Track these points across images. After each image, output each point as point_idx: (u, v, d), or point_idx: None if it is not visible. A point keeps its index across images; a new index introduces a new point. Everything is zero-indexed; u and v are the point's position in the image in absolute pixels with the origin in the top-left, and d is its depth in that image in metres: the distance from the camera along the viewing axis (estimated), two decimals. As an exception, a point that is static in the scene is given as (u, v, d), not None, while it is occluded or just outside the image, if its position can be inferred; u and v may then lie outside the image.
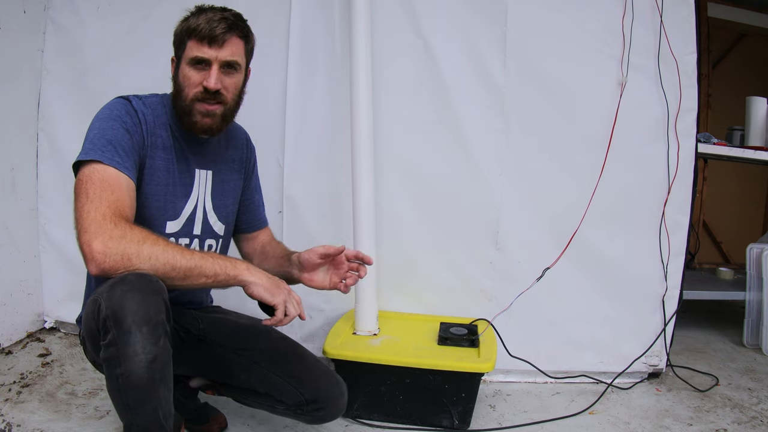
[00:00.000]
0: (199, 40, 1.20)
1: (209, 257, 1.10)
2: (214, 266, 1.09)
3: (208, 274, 1.08)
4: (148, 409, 1.00)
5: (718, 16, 3.54)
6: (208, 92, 1.22)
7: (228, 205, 1.41)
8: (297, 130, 1.94)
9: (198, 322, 1.38)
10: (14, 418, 1.52)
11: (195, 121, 1.24)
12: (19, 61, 2.05)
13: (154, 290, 1.01)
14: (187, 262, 1.06)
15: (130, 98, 1.24)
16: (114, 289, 0.98)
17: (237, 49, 1.24)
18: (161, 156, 1.25)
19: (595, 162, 1.89)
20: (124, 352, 0.96)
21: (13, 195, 2.08)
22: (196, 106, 1.23)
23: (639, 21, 1.86)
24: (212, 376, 1.39)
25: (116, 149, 1.13)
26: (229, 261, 1.13)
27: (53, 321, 2.23)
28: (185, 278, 1.07)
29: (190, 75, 1.22)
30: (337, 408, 1.33)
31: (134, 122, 1.20)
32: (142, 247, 1.03)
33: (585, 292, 1.95)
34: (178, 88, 1.25)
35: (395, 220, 1.94)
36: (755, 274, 2.44)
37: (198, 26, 1.20)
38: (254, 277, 1.12)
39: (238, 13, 1.27)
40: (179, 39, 1.25)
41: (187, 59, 1.22)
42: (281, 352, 1.37)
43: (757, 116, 2.47)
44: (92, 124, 1.19)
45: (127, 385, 0.98)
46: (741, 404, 1.84)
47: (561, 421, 1.70)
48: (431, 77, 1.89)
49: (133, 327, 0.96)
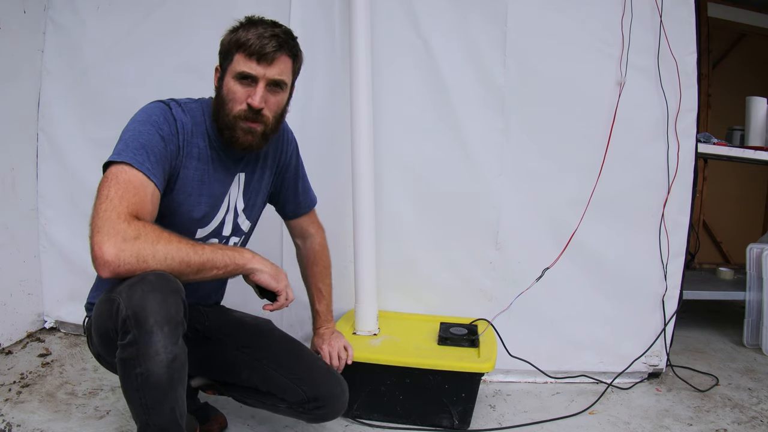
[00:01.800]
0: (248, 56, 1.17)
1: (218, 250, 1.12)
2: (224, 258, 1.11)
3: (219, 266, 1.10)
4: (166, 409, 1.00)
5: (718, 16, 3.54)
6: (251, 110, 1.20)
7: (257, 204, 1.41)
8: (297, 130, 1.93)
9: (204, 319, 1.39)
10: (14, 418, 1.52)
11: (236, 137, 1.22)
12: (19, 61, 2.05)
13: (174, 289, 1.01)
14: (199, 257, 1.07)
15: (170, 104, 1.20)
16: (134, 288, 0.98)
17: (285, 68, 1.22)
18: (195, 165, 1.23)
19: (595, 162, 1.89)
20: (145, 352, 0.96)
21: (13, 195, 2.08)
22: (240, 123, 1.21)
23: (639, 21, 1.86)
24: (214, 374, 1.39)
25: (148, 155, 1.11)
26: (236, 251, 1.15)
27: (53, 321, 2.23)
28: (198, 273, 1.08)
29: (235, 90, 1.20)
30: (338, 406, 1.34)
31: (171, 131, 1.17)
32: (156, 247, 1.02)
33: (585, 292, 1.95)
34: (221, 101, 1.22)
35: (395, 220, 1.94)
36: (755, 274, 2.44)
37: (248, 41, 1.17)
38: (260, 264, 1.16)
39: (289, 30, 1.24)
40: (226, 50, 1.21)
41: (233, 72, 1.19)
42: (283, 350, 1.38)
43: (757, 116, 2.47)
44: (128, 125, 1.16)
45: (146, 385, 0.98)
46: (741, 404, 1.84)
47: (561, 421, 1.70)
48: (431, 77, 1.89)
49: (155, 327, 0.96)
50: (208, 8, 1.97)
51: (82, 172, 2.12)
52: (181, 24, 2.00)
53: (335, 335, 1.56)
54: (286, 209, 1.53)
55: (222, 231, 1.33)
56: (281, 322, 2.01)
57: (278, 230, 1.90)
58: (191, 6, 1.98)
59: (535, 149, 1.92)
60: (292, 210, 1.53)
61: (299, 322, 2.00)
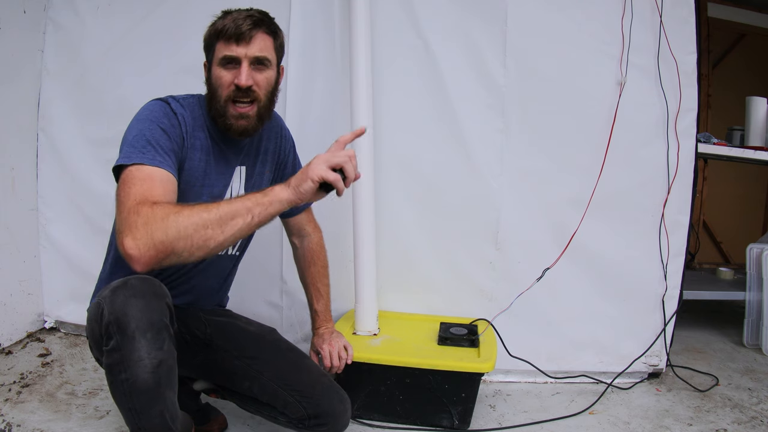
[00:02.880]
0: (227, 40, 1.21)
1: (234, 200, 1.06)
2: (244, 203, 1.05)
3: (243, 213, 1.03)
4: (155, 413, 1.00)
5: (718, 16, 3.54)
6: (240, 90, 1.21)
7: None
8: (297, 130, 1.93)
9: (205, 326, 1.38)
10: (14, 418, 1.52)
11: (230, 123, 1.24)
12: (19, 61, 2.05)
13: (157, 294, 1.01)
14: (215, 213, 1.01)
15: (168, 100, 1.23)
16: (116, 293, 0.98)
17: (265, 45, 1.24)
18: (198, 157, 1.24)
19: (595, 162, 1.89)
20: (128, 358, 0.96)
21: (13, 195, 2.08)
22: (230, 108, 1.23)
23: (639, 21, 1.86)
24: (216, 380, 1.39)
25: (155, 148, 1.12)
26: (258, 193, 1.07)
27: (53, 321, 2.23)
28: (222, 228, 1.01)
29: (221, 75, 1.22)
30: (340, 425, 1.32)
31: (173, 124, 1.18)
32: (167, 223, 0.97)
33: (585, 292, 1.95)
34: (211, 91, 1.25)
35: (395, 220, 1.94)
36: (755, 274, 2.44)
37: (225, 26, 1.21)
38: (295, 181, 1.07)
39: (264, 11, 1.27)
40: (208, 43, 1.26)
41: (217, 60, 1.23)
42: (286, 363, 1.36)
43: (757, 116, 2.47)
44: (130, 125, 1.17)
45: (133, 390, 0.97)
46: (741, 404, 1.84)
47: (561, 421, 1.70)
48: (431, 77, 1.89)
49: (137, 333, 0.96)
50: (208, 8, 1.94)
51: (82, 172, 2.12)
52: (180, 24, 2.00)
53: (335, 335, 1.56)
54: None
55: None
56: (281, 322, 2.01)
57: (278, 233, 1.90)
58: (191, 6, 1.98)
59: (535, 149, 1.91)
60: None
61: (299, 322, 2.00)
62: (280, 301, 2.01)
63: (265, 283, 2.00)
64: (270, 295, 2.02)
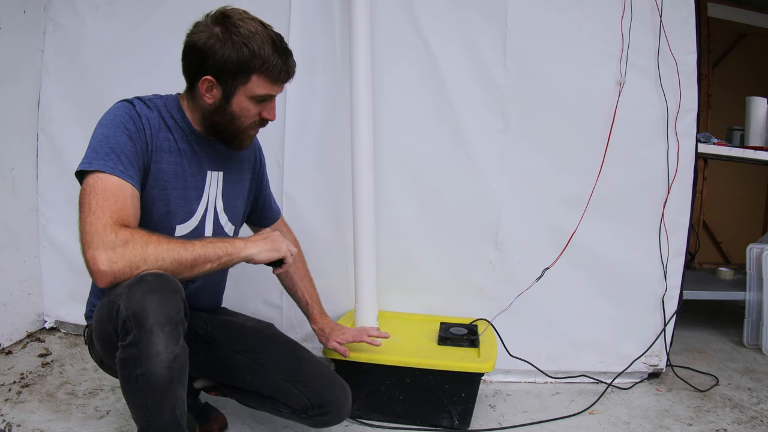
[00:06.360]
0: (273, 80, 1.19)
1: (209, 243, 1.12)
2: (216, 250, 1.11)
3: (212, 259, 1.11)
4: (167, 410, 1.00)
5: (718, 16, 3.54)
6: (263, 122, 1.26)
7: (238, 206, 1.41)
8: (297, 130, 1.94)
9: (206, 325, 1.38)
10: (14, 418, 1.52)
11: (243, 144, 1.29)
12: (19, 61, 2.05)
13: (173, 289, 1.01)
14: (191, 254, 1.07)
15: (134, 101, 1.22)
16: (133, 289, 0.98)
17: None
18: (168, 159, 1.23)
19: (595, 162, 1.89)
20: (146, 352, 0.96)
21: (13, 195, 2.08)
22: (249, 132, 1.27)
23: (638, 21, 1.86)
24: (217, 377, 1.39)
25: (119, 157, 1.11)
26: (227, 242, 1.15)
27: (53, 321, 2.23)
28: (193, 269, 1.08)
29: (249, 108, 1.22)
30: (342, 412, 1.34)
31: (137, 127, 1.18)
32: (146, 251, 1.02)
33: (585, 292, 1.95)
34: (228, 116, 1.22)
35: (395, 220, 1.94)
36: (755, 274, 2.44)
37: (273, 65, 1.17)
38: (255, 247, 1.17)
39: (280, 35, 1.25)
40: (238, 68, 1.16)
41: (250, 93, 1.19)
42: (287, 355, 1.37)
43: (757, 116, 2.47)
44: (95, 130, 1.17)
45: (147, 386, 0.97)
46: (741, 404, 1.84)
47: (561, 421, 1.70)
48: (431, 77, 1.89)
49: (156, 327, 0.96)
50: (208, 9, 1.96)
51: (82, 172, 2.12)
52: (180, 24, 1.98)
53: (338, 326, 1.56)
54: (263, 215, 1.55)
55: (204, 231, 1.31)
56: (281, 322, 2.01)
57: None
58: (191, 6, 1.97)
59: (535, 149, 1.92)
60: (267, 216, 1.56)
61: (299, 322, 2.00)
62: (279, 302, 2.01)
63: (264, 283, 1.99)
64: (270, 295, 2.02)
